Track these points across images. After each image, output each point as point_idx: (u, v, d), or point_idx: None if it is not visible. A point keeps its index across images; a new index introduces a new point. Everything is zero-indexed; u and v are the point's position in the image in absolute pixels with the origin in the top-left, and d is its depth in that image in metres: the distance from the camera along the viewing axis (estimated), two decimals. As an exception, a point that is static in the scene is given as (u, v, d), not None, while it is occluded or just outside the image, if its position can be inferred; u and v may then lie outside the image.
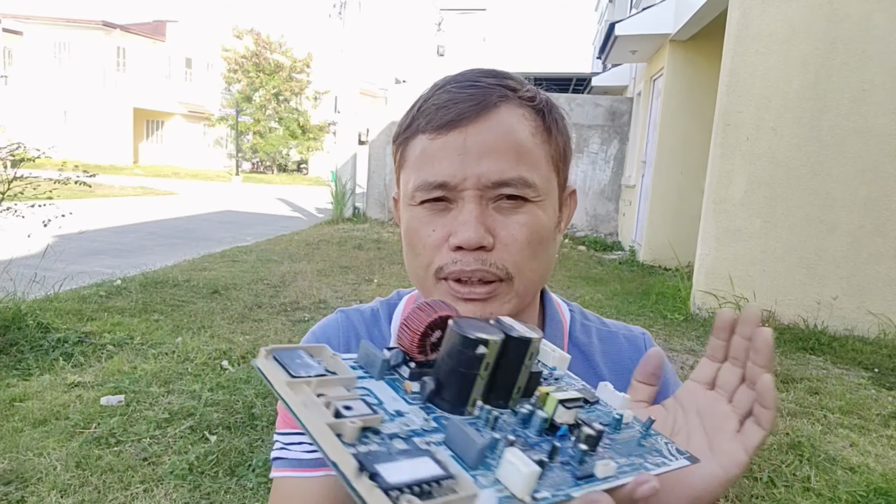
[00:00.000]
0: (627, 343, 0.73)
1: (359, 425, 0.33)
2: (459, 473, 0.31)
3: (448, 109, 0.59)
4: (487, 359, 0.37)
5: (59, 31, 28.13)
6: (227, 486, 2.26)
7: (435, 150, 0.59)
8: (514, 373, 0.38)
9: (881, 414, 3.16)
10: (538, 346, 0.40)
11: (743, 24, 4.81)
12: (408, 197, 0.62)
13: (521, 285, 0.61)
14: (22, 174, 3.93)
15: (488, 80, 0.61)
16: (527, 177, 0.59)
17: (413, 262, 0.64)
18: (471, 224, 0.57)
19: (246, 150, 31.48)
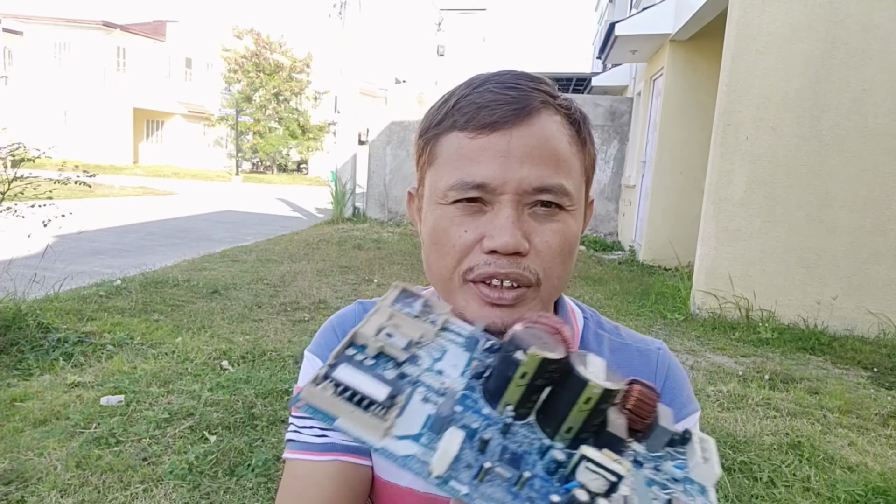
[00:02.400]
0: (639, 356, 0.71)
1: (378, 345, 0.38)
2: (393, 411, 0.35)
3: (491, 110, 0.58)
4: (525, 368, 0.36)
5: (59, 31, 28.13)
6: (227, 485, 2.27)
7: (475, 150, 0.58)
8: (565, 406, 0.37)
9: (880, 413, 3.16)
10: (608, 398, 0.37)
11: (743, 23, 4.81)
12: (438, 195, 0.61)
13: (547, 292, 0.61)
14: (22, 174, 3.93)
15: (528, 84, 0.60)
16: (565, 185, 0.59)
17: (439, 261, 0.61)
18: (508, 229, 0.56)
19: (246, 150, 31.48)
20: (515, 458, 0.37)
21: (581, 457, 0.35)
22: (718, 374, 3.71)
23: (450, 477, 0.34)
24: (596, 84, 13.32)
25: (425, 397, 0.38)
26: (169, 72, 30.98)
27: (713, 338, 4.54)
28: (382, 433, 0.34)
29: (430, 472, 0.33)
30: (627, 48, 8.22)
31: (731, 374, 3.69)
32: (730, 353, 4.20)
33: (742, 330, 4.66)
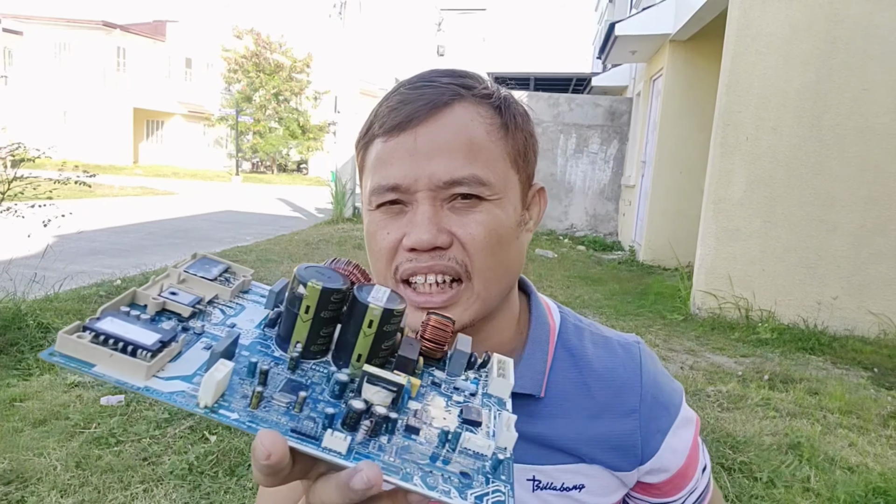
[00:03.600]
0: (622, 350, 0.71)
1: (159, 301, 0.38)
2: (163, 357, 0.34)
3: (399, 111, 0.58)
4: (307, 301, 0.37)
5: (59, 31, 28.13)
6: (227, 485, 2.26)
7: (387, 153, 0.58)
8: (353, 334, 0.38)
9: (880, 414, 3.16)
10: (391, 319, 0.38)
11: (743, 23, 4.81)
12: (365, 201, 0.62)
13: (482, 286, 0.59)
14: (22, 174, 3.93)
15: (443, 80, 0.60)
16: (480, 175, 0.57)
17: (373, 265, 0.63)
18: (423, 225, 0.56)
19: (246, 150, 31.48)
20: (300, 387, 0.37)
21: (364, 374, 0.36)
22: (718, 374, 3.71)
23: (219, 406, 0.34)
24: (596, 84, 13.32)
25: (208, 346, 0.38)
26: (169, 72, 30.98)
27: (713, 338, 4.53)
28: (145, 374, 0.33)
29: (198, 403, 0.33)
30: (627, 48, 8.22)
31: (731, 375, 3.69)
32: (729, 353, 4.20)
33: (742, 330, 4.66)
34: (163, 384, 0.34)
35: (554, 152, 10.43)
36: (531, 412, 0.65)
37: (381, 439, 0.36)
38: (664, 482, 0.70)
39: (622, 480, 0.68)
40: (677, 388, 0.73)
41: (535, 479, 0.65)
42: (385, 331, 0.38)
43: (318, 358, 0.40)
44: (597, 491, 0.67)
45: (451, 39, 24.54)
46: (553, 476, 0.65)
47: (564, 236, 10.14)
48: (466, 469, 0.37)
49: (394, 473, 0.35)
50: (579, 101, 10.42)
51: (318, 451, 0.34)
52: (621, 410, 0.67)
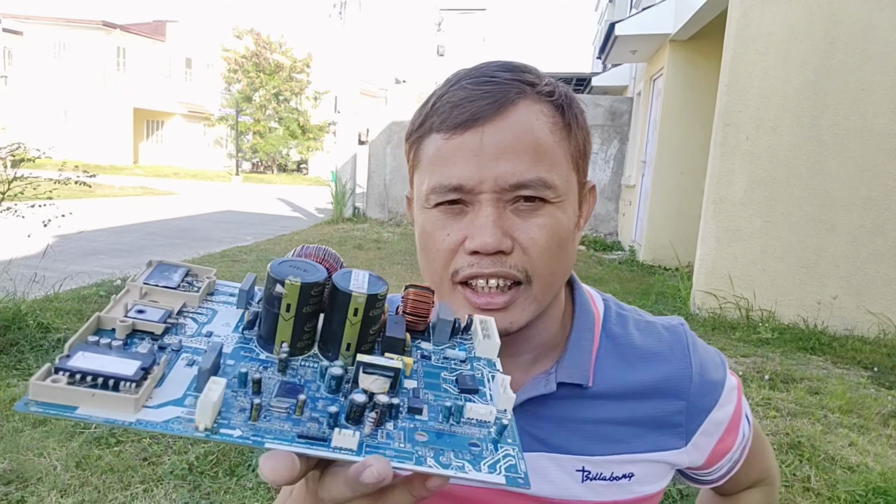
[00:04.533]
0: (668, 333, 0.71)
1: (127, 324, 0.36)
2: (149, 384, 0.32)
3: (463, 108, 0.56)
4: (287, 300, 0.36)
5: (59, 31, 28.13)
6: (227, 486, 2.27)
7: (450, 151, 0.57)
8: (339, 324, 0.38)
9: (880, 413, 3.16)
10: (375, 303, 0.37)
11: (743, 23, 4.81)
12: (422, 199, 0.60)
13: (540, 289, 0.59)
14: (22, 174, 3.93)
15: (505, 75, 0.58)
16: (546, 178, 0.57)
17: (428, 266, 0.61)
18: (487, 228, 0.55)
19: (246, 150, 31.48)
20: (295, 388, 0.36)
21: (358, 364, 0.36)
22: (718, 373, 3.71)
23: (219, 426, 0.33)
24: (596, 84, 13.32)
25: (190, 361, 0.37)
26: (169, 72, 30.99)
27: (713, 338, 4.53)
28: (134, 407, 0.31)
29: (197, 426, 0.32)
30: (627, 48, 8.22)
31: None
32: (730, 353, 4.19)
33: (742, 330, 4.66)
34: (154, 414, 0.32)
35: (554, 152, 10.42)
36: (579, 401, 0.65)
37: (387, 426, 0.36)
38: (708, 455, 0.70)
39: (671, 463, 0.68)
40: (720, 362, 0.72)
41: (584, 469, 0.65)
42: (371, 316, 0.38)
43: (306, 353, 0.39)
44: (645, 479, 0.67)
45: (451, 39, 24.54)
46: (602, 466, 0.65)
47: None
48: (474, 439, 0.37)
49: (407, 459, 0.34)
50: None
51: (329, 452, 0.33)
52: (670, 393, 0.67)
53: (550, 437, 0.65)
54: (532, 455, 0.65)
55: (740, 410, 0.73)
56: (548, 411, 0.65)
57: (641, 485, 0.67)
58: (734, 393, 0.72)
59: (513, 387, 0.65)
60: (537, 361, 0.67)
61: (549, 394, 0.64)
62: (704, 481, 0.76)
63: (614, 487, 0.66)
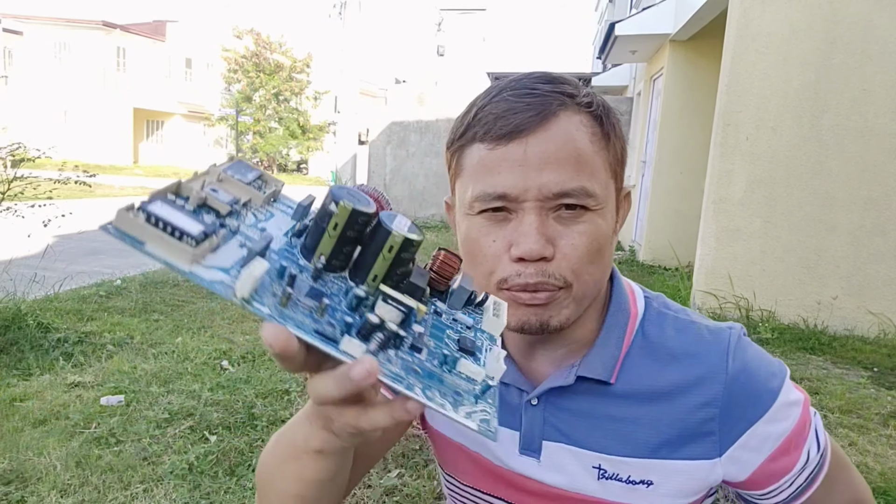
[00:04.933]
0: (710, 335, 0.68)
1: (202, 196, 0.40)
2: (205, 246, 0.36)
3: (507, 119, 0.59)
4: (337, 219, 0.39)
5: (59, 31, 28.13)
6: (227, 485, 2.27)
7: (494, 161, 0.59)
8: (372, 256, 0.41)
9: (880, 413, 3.16)
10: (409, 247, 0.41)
11: (743, 23, 4.81)
12: (466, 206, 0.63)
13: (580, 291, 0.62)
14: (22, 174, 3.93)
15: (545, 87, 0.61)
16: (587, 186, 0.59)
17: (474, 271, 0.64)
18: (532, 235, 0.58)
19: (246, 150, 31.47)
20: (321, 294, 0.40)
21: (380, 293, 0.40)
22: (718, 374, 3.71)
23: (252, 299, 0.36)
24: (596, 84, 13.31)
25: (242, 244, 0.40)
26: (169, 72, 30.98)
27: (713, 338, 4.54)
28: (191, 259, 0.35)
29: (235, 293, 0.35)
30: (627, 48, 8.22)
31: (731, 374, 3.69)
32: (730, 353, 4.20)
33: (742, 330, 4.66)
34: (204, 272, 0.36)
35: (554, 152, 10.43)
36: (600, 398, 0.67)
37: (388, 352, 0.40)
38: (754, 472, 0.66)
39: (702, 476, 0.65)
40: (776, 372, 0.67)
41: (600, 467, 0.66)
42: (402, 257, 0.41)
43: (338, 273, 0.43)
44: (667, 491, 0.65)
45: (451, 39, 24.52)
46: (619, 467, 0.65)
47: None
48: (459, 389, 0.41)
49: (399, 382, 0.38)
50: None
51: (336, 351, 0.37)
52: (700, 400, 0.64)
53: (571, 430, 0.67)
54: (552, 445, 0.67)
55: (805, 429, 0.67)
56: (569, 403, 0.67)
57: (661, 496, 0.65)
58: (795, 409, 0.66)
59: (542, 377, 0.69)
60: (569, 356, 0.69)
61: (570, 386, 0.66)
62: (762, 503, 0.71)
63: (630, 492, 0.65)
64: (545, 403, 0.68)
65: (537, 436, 0.68)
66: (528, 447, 0.69)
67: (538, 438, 0.68)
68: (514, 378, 0.70)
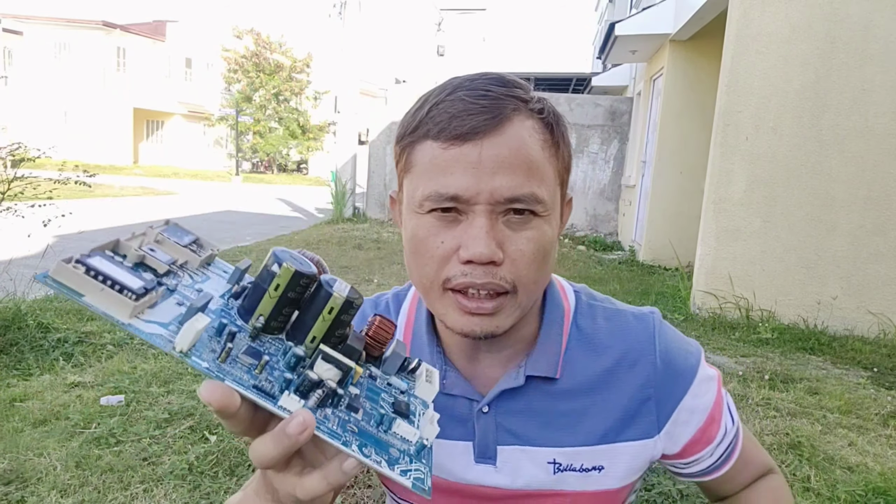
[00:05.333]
0: (636, 321, 0.73)
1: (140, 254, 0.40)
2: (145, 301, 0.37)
3: (462, 120, 0.58)
4: (279, 280, 0.40)
5: (59, 31, 28.13)
6: (227, 486, 2.27)
7: (448, 161, 0.59)
8: (312, 318, 0.42)
9: (880, 413, 3.16)
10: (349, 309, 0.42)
11: (743, 23, 4.81)
12: (415, 204, 0.62)
13: (525, 297, 0.62)
14: (22, 174, 3.93)
15: (500, 90, 0.60)
16: (537, 193, 0.59)
17: (419, 270, 0.63)
18: (482, 239, 0.57)
19: (246, 150, 31.48)
20: (259, 353, 0.41)
21: (319, 352, 0.41)
22: (718, 374, 3.71)
23: (191, 353, 0.37)
24: (596, 84, 13.32)
25: (180, 302, 0.41)
26: (169, 72, 30.98)
27: (713, 338, 4.53)
28: (130, 312, 0.36)
29: (175, 347, 0.36)
30: (627, 48, 8.22)
31: (732, 374, 3.69)
32: (730, 353, 4.20)
33: (742, 330, 4.66)
34: (143, 325, 0.36)
35: (554, 152, 10.42)
36: (548, 394, 0.69)
37: (326, 410, 0.41)
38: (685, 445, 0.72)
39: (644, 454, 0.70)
40: (693, 351, 0.74)
41: (555, 461, 0.68)
42: (341, 319, 0.42)
43: (275, 334, 0.43)
44: (617, 472, 0.69)
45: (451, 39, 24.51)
46: (572, 457, 0.68)
47: (565, 236, 10.14)
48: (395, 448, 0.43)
49: (336, 439, 0.39)
50: (579, 101, 10.42)
51: (274, 407, 0.38)
52: (636, 382, 0.69)
53: (523, 431, 0.68)
54: (507, 448, 0.68)
55: (721, 403, 0.74)
56: (520, 405, 0.69)
57: (612, 478, 0.69)
58: (712, 384, 0.73)
59: (489, 381, 0.70)
60: (513, 357, 0.70)
61: (520, 387, 0.68)
62: (687, 473, 0.76)
63: (584, 479, 0.68)
64: (496, 409, 0.68)
65: (492, 442, 0.69)
66: (483, 455, 0.69)
67: (493, 445, 0.69)
68: (462, 388, 0.70)
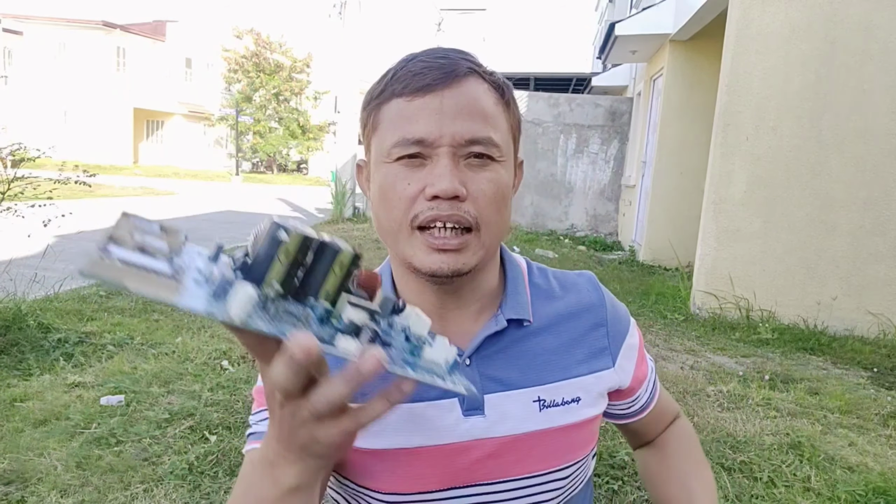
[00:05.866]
0: (581, 279, 0.83)
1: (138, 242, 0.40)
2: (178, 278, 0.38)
3: (424, 75, 0.65)
4: (287, 246, 0.41)
5: (59, 31, 28.12)
6: (227, 486, 2.27)
7: (413, 111, 0.64)
8: (322, 275, 0.43)
9: (880, 413, 3.16)
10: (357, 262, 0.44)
11: (743, 23, 4.81)
12: (383, 155, 0.67)
13: (487, 237, 0.67)
14: (22, 174, 3.93)
15: (455, 56, 0.68)
16: (494, 137, 0.66)
17: (387, 214, 0.67)
18: (446, 176, 0.63)
19: (246, 150, 31.48)
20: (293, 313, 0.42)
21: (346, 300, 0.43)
22: (719, 374, 3.71)
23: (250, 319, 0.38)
24: (596, 84, 13.32)
25: (195, 279, 0.40)
26: (169, 72, 30.97)
27: (713, 338, 4.54)
28: (175, 291, 0.37)
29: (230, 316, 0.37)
30: (627, 48, 8.22)
31: (732, 375, 3.69)
32: (730, 353, 4.20)
33: (742, 330, 4.66)
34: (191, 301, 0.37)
35: (554, 152, 10.43)
36: (523, 339, 0.75)
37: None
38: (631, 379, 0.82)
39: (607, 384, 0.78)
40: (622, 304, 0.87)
41: (539, 398, 0.73)
42: (350, 272, 0.44)
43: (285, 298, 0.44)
44: (589, 402, 0.76)
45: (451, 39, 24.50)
46: (554, 393, 0.74)
47: (565, 236, 10.14)
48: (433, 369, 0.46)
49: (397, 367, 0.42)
50: (579, 101, 10.42)
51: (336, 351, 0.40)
52: (593, 323, 0.79)
53: (506, 377, 0.73)
54: (492, 397, 0.72)
55: (643, 345, 0.86)
56: (500, 352, 0.74)
57: (586, 407, 0.76)
58: (637, 329, 0.85)
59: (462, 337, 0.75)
60: (483, 310, 0.75)
61: (500, 332, 0.73)
62: (628, 414, 0.86)
63: (566, 412, 0.74)
64: (477, 360, 0.72)
65: (478, 392, 0.73)
66: (471, 407, 0.71)
67: (479, 395, 0.72)
68: None
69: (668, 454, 0.90)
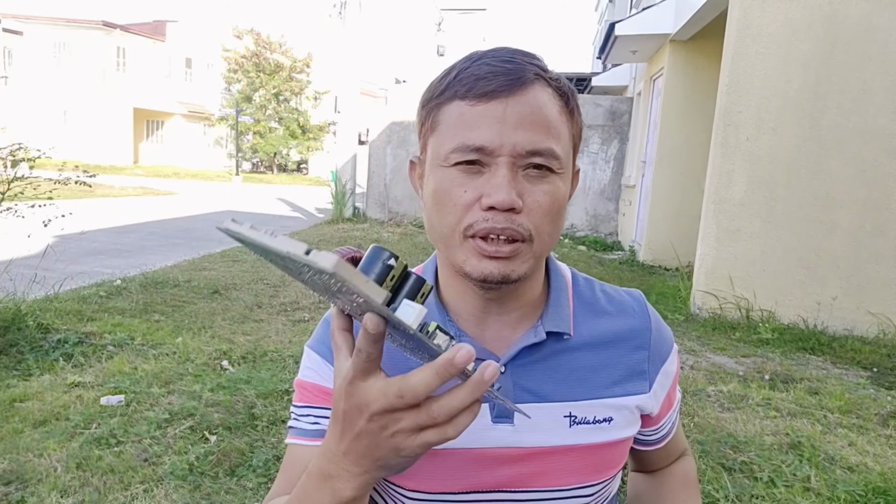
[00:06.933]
0: (629, 296, 0.82)
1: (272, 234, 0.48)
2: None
3: (488, 80, 0.63)
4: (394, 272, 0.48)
5: (59, 31, 28.13)
6: (228, 486, 2.27)
7: (475, 116, 0.63)
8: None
9: (880, 413, 3.16)
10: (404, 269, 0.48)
11: (743, 24, 4.81)
12: (440, 158, 0.66)
13: (539, 247, 0.66)
14: (22, 174, 3.93)
15: (523, 59, 0.66)
16: (555, 149, 0.64)
17: (441, 220, 0.66)
18: (504, 187, 0.62)
19: (246, 150, 31.47)
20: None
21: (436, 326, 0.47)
22: (719, 374, 3.71)
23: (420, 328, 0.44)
24: (596, 84, 13.32)
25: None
26: (169, 72, 30.97)
27: (713, 338, 4.54)
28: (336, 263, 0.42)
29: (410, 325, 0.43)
30: (627, 48, 8.22)
31: (732, 375, 3.69)
32: (730, 353, 4.20)
33: (742, 330, 4.66)
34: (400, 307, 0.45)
35: (554, 152, 10.41)
36: (562, 351, 0.74)
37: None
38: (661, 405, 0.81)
39: (640, 407, 0.77)
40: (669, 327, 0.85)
41: (571, 414, 0.72)
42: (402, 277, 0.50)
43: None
44: (622, 423, 0.75)
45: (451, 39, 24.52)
46: (586, 410, 0.73)
47: (565, 236, 10.14)
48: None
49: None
50: (580, 101, 10.37)
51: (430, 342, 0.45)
52: (635, 343, 0.77)
53: (539, 388, 0.72)
54: (523, 407, 0.71)
55: (679, 374, 0.84)
56: (536, 363, 0.73)
57: (618, 429, 0.75)
58: (677, 355, 0.84)
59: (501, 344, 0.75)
60: (523, 319, 0.74)
61: (538, 344, 0.72)
62: (648, 442, 0.85)
63: (596, 431, 0.73)
64: (512, 369, 0.72)
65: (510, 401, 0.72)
66: (501, 415, 0.71)
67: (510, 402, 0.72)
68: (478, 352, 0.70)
69: (668, 490, 0.88)
